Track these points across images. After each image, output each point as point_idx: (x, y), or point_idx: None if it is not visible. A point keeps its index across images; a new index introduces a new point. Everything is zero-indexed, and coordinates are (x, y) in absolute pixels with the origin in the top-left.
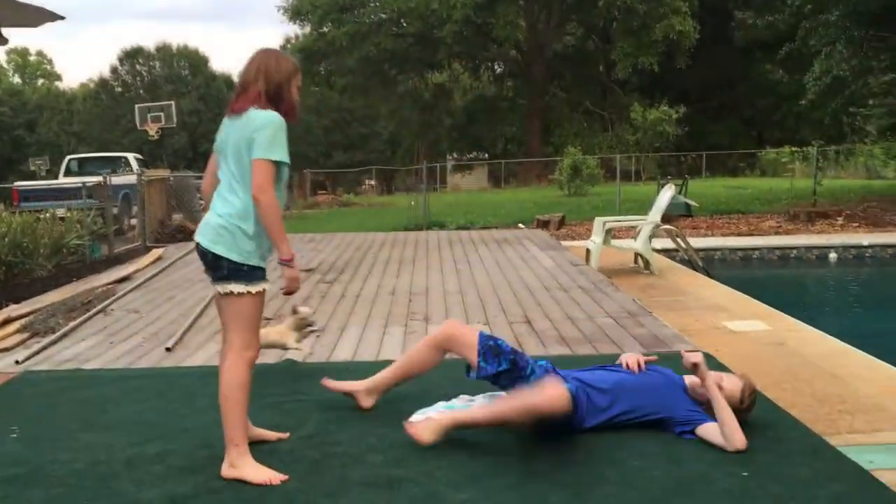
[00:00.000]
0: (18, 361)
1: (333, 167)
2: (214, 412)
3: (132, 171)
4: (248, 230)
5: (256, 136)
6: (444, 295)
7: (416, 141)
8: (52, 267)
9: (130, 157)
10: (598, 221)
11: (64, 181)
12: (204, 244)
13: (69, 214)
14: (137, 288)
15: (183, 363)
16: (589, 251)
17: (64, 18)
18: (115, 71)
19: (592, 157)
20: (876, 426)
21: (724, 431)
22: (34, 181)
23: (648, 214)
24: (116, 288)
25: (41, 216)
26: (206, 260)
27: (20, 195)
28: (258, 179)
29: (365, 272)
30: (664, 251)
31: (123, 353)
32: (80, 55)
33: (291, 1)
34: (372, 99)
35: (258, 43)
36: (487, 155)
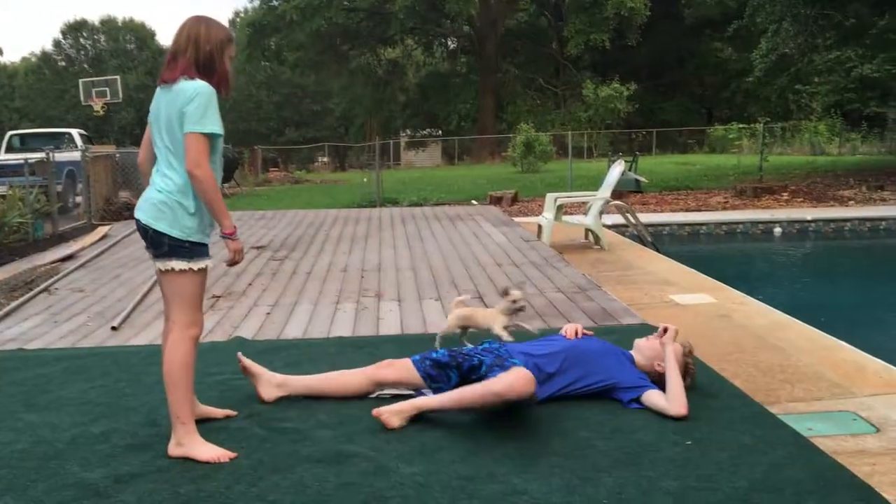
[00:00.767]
0: None
1: (285, 144)
2: (160, 390)
3: (76, 147)
4: (188, 206)
5: (187, 108)
6: (396, 271)
7: (369, 117)
8: None
9: (74, 132)
10: (549, 198)
11: (5, 158)
12: (144, 220)
13: (11, 192)
14: (82, 266)
15: (129, 342)
16: (540, 227)
17: None
18: (58, 45)
19: (545, 133)
20: (815, 395)
21: (669, 396)
22: None
23: (599, 191)
24: (61, 266)
25: None
26: (146, 236)
27: None
28: (192, 154)
29: (317, 249)
30: (614, 227)
31: (68, 332)
32: (20, 28)
33: None
34: (324, 75)
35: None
36: (441, 132)
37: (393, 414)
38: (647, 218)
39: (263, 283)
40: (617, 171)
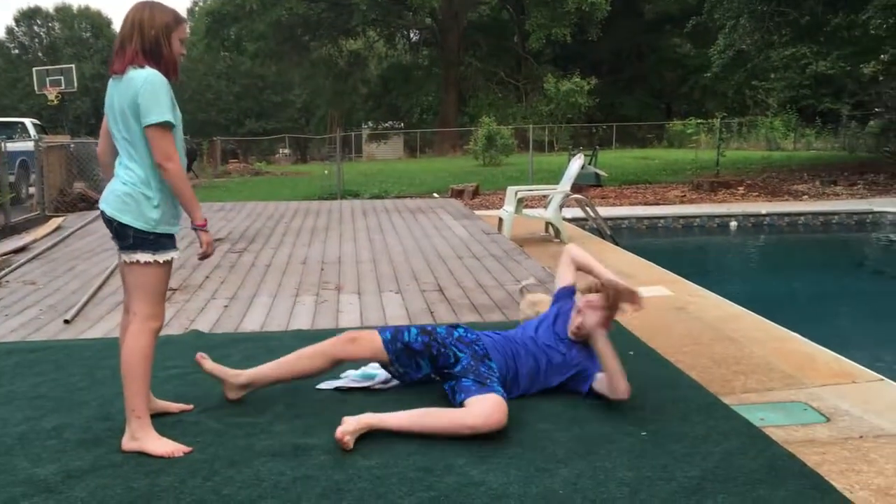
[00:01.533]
0: None
1: (245, 135)
2: (114, 384)
3: (30, 137)
4: (152, 198)
5: (141, 100)
6: (356, 264)
7: (330, 109)
8: None
9: (28, 122)
10: (510, 191)
11: None
12: (109, 212)
13: None
14: (35, 258)
15: (83, 335)
16: (501, 220)
17: None
18: (10, 32)
19: (507, 127)
20: (767, 385)
21: (609, 380)
22: None
23: (559, 184)
24: (12, 258)
25: None
26: (111, 228)
27: None
28: (160, 147)
29: (276, 241)
30: (574, 220)
31: (19, 325)
32: None
33: None
34: (284, 65)
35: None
36: (403, 124)
37: (349, 434)
38: (606, 211)
39: (221, 275)
40: (577, 164)
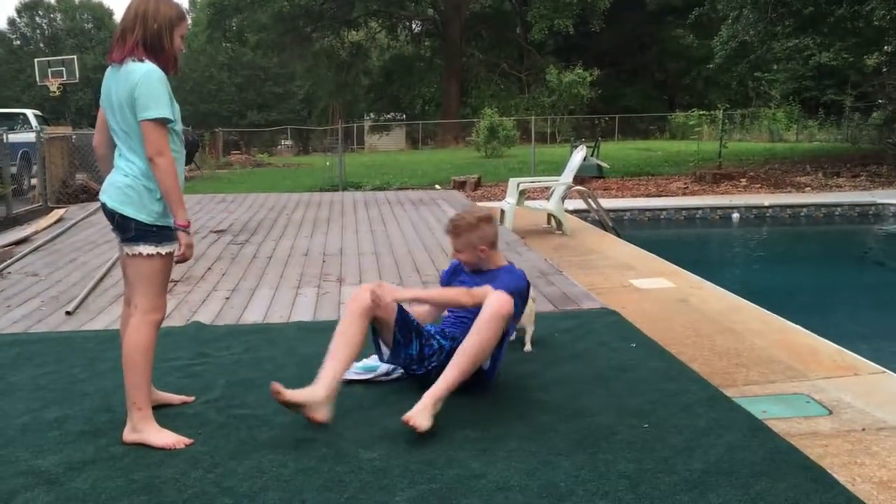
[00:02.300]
0: None
1: (247, 127)
2: (116, 376)
3: (31, 128)
4: (154, 190)
5: (138, 94)
6: (358, 256)
7: (332, 101)
8: None
9: (29, 113)
10: (512, 182)
11: None
12: (111, 205)
13: None
14: (37, 250)
15: (84, 327)
16: (503, 212)
17: None
18: (12, 23)
19: (509, 118)
20: (769, 377)
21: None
22: None
23: (561, 176)
24: (14, 250)
25: None
26: (113, 220)
27: None
28: (153, 141)
29: (278, 233)
30: (576, 212)
31: (21, 316)
32: None
33: None
34: (286, 57)
35: None
36: (405, 116)
37: (421, 417)
38: (608, 203)
39: (223, 267)
40: (579, 156)
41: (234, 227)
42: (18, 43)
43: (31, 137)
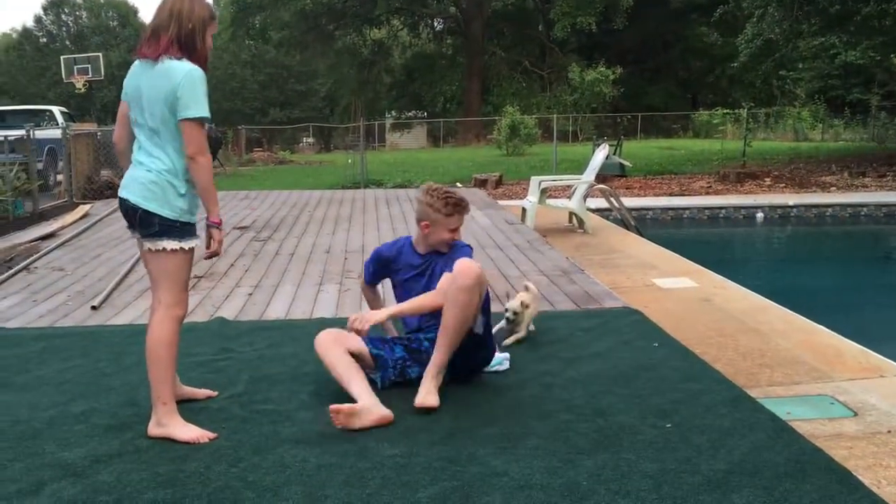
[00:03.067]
0: None
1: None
2: (141, 371)
3: (57, 124)
4: (178, 187)
5: (181, 93)
6: None
7: (354, 98)
8: None
9: (56, 110)
10: (533, 181)
11: None
12: (133, 200)
13: None
14: (63, 245)
15: (110, 322)
16: (525, 210)
17: None
18: (39, 21)
19: (530, 116)
20: (793, 378)
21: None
22: None
23: (583, 174)
24: (41, 245)
25: None
26: (133, 216)
27: None
28: (194, 140)
29: (300, 230)
30: (598, 211)
31: (47, 311)
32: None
33: None
34: (309, 54)
35: None
36: (426, 114)
37: (429, 396)
38: (630, 202)
39: (245, 263)
40: (601, 154)
41: (256, 223)
42: (45, 40)
43: (57, 134)
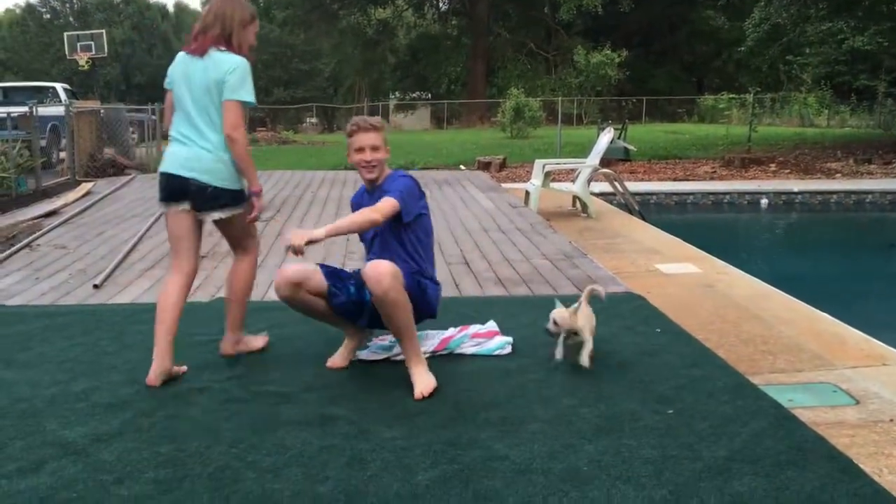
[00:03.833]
0: None
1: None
2: (142, 349)
3: (61, 102)
4: (230, 161)
5: (228, 78)
6: None
7: (358, 79)
8: None
9: (59, 87)
10: (537, 164)
11: None
12: (204, 179)
13: None
14: (65, 223)
15: (112, 300)
16: (528, 193)
17: None
18: None
19: (535, 99)
20: (796, 366)
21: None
22: None
23: (587, 158)
24: (43, 223)
25: None
26: (202, 193)
27: None
28: (232, 119)
29: (303, 210)
30: (602, 195)
31: (49, 289)
32: None
33: None
34: (313, 34)
35: None
36: (430, 95)
37: (420, 380)
38: (634, 186)
39: None
40: (606, 138)
41: None
42: (48, 16)
43: (60, 111)
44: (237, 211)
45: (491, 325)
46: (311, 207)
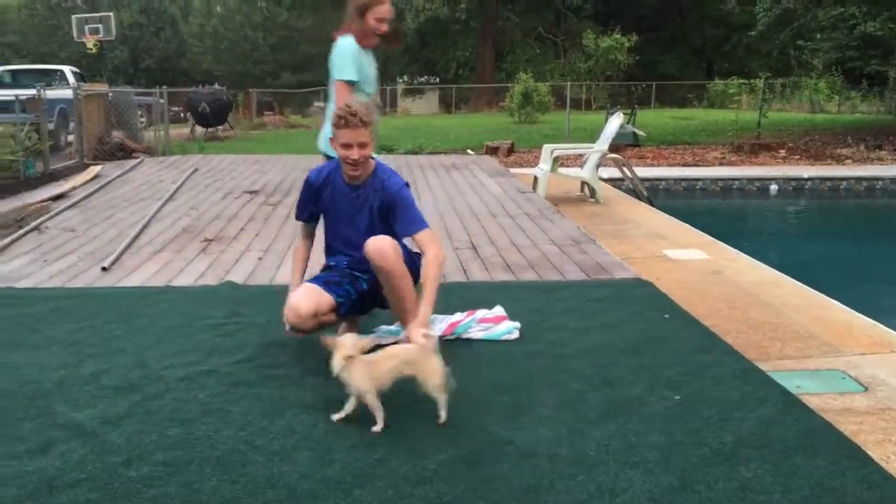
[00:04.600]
0: None
1: (281, 87)
2: (151, 333)
3: (69, 84)
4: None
5: (331, 60)
6: None
7: None
8: None
9: (67, 70)
10: (546, 149)
11: None
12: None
13: (1, 129)
14: (74, 206)
15: (120, 283)
16: (536, 178)
17: None
18: None
19: (544, 84)
20: (804, 353)
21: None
22: None
23: (596, 143)
24: (51, 205)
25: None
26: None
27: None
28: (337, 97)
29: None
30: (610, 180)
31: (58, 271)
32: None
33: None
34: (321, 17)
35: None
36: (439, 79)
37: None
38: (643, 172)
39: (256, 228)
40: (615, 123)
41: (266, 187)
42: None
43: (68, 94)
44: None
45: (498, 309)
46: None
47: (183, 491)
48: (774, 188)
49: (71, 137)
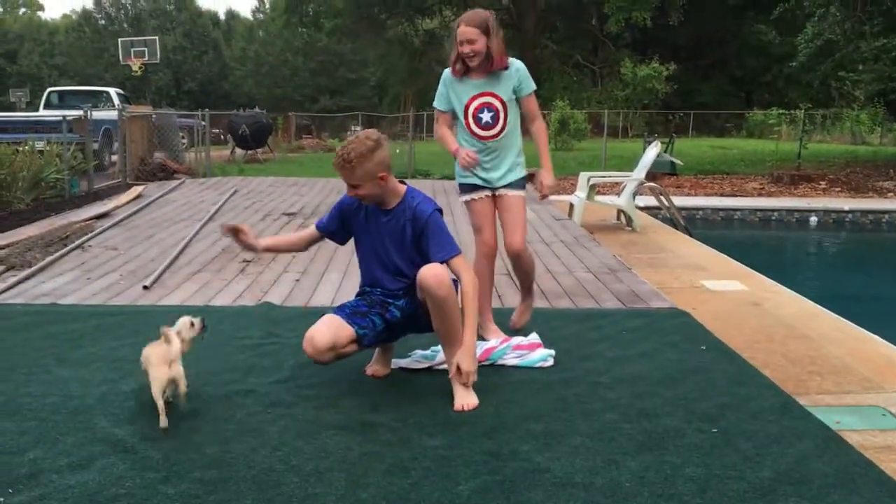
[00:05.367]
0: None
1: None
2: (190, 351)
3: (114, 106)
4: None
5: None
6: None
7: (403, 88)
8: (30, 201)
9: (112, 91)
10: (582, 176)
11: (44, 114)
12: None
13: (48, 148)
14: (116, 225)
15: (160, 302)
16: (572, 206)
17: None
18: (98, 3)
19: (580, 111)
20: (844, 388)
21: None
22: (13, 112)
23: (633, 171)
24: (95, 224)
25: (20, 148)
26: None
27: None
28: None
29: None
30: (647, 209)
31: (101, 289)
32: None
33: None
34: (360, 43)
35: None
36: None
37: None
38: (681, 201)
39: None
40: (653, 152)
41: (304, 210)
42: (103, 22)
43: (113, 115)
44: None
45: (533, 337)
46: None
47: None
48: (814, 220)
49: (114, 158)
